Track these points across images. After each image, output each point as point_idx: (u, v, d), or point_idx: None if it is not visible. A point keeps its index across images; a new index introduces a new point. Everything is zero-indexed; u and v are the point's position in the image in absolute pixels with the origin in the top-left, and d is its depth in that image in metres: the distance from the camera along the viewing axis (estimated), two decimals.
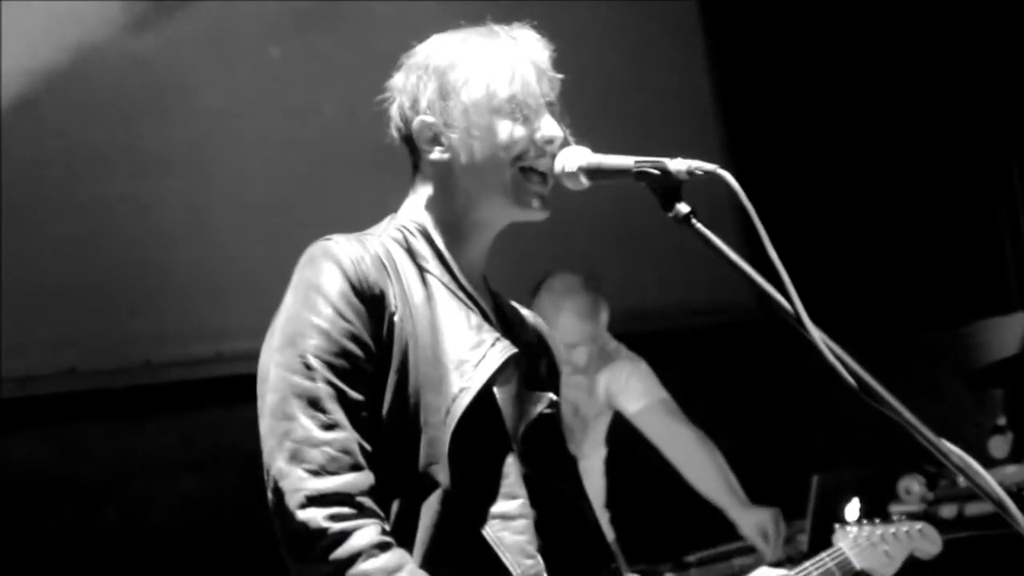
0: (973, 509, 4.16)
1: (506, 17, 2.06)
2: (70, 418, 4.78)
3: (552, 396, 2.02)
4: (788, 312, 1.72)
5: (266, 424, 1.82)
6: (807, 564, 3.04)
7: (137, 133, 4.96)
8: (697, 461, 4.20)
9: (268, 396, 1.83)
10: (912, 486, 4.34)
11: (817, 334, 1.70)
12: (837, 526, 3.17)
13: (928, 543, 3.15)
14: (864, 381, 1.69)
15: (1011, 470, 4.54)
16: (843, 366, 1.69)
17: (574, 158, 1.94)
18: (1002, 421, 4.81)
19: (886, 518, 3.23)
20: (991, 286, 6.39)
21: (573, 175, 1.93)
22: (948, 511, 4.25)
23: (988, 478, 1.71)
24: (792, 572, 2.89)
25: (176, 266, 4.98)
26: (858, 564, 3.07)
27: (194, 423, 4.92)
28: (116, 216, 4.91)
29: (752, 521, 4.08)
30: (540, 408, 1.99)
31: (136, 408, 4.90)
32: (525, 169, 1.95)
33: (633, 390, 4.25)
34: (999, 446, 4.68)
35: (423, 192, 2.01)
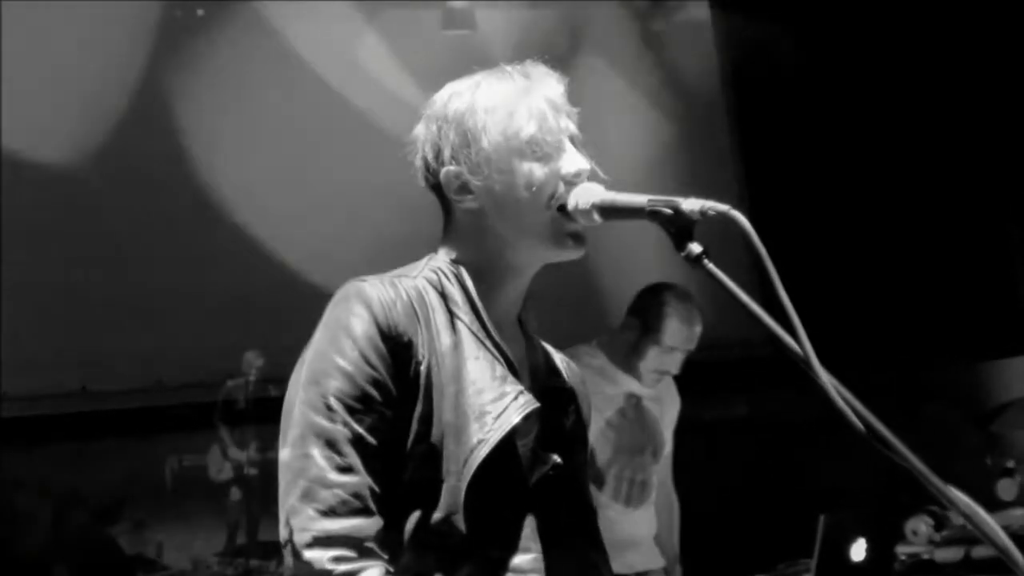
0: (980, 552, 4.14)
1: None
2: (79, 436, 4.79)
3: (556, 459, 1.99)
4: (797, 354, 1.72)
5: (285, 458, 1.85)
6: None
7: (145, 157, 5.00)
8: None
9: (290, 431, 1.85)
10: (919, 527, 4.32)
11: (826, 377, 1.70)
12: None
13: None
14: (872, 425, 1.68)
15: (1019, 513, 4.51)
16: (851, 410, 1.69)
17: (587, 195, 1.93)
18: (1011, 463, 4.79)
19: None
20: (1004, 327, 6.38)
21: (586, 212, 1.93)
22: (954, 553, 4.23)
23: (994, 525, 1.71)
24: None
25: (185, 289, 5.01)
26: None
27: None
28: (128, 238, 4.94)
29: None
30: (546, 469, 1.97)
31: (146, 427, 4.92)
32: (563, 208, 1.94)
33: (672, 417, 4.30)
34: (1007, 489, 4.65)
35: (456, 237, 2.01)
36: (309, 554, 1.77)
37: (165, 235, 5.05)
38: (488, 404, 1.88)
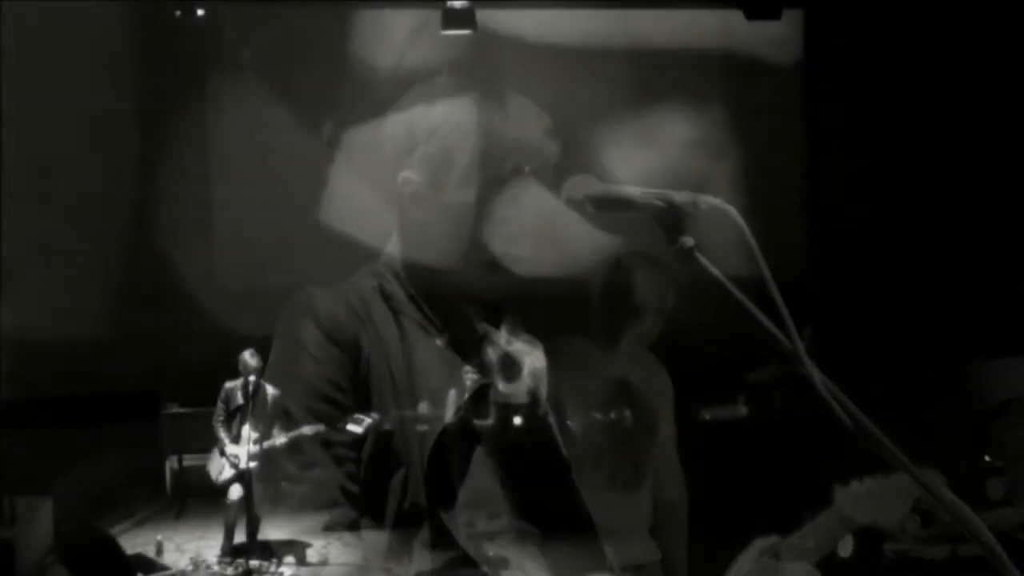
0: (966, 550, 4.15)
1: None
2: (75, 419, 4.80)
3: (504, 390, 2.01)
4: (787, 349, 1.73)
5: (255, 466, 1.91)
6: (806, 527, 2.85)
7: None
8: None
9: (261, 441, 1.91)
10: (906, 524, 4.33)
11: (814, 371, 1.71)
12: (836, 485, 2.94)
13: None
14: (859, 421, 1.69)
15: (1007, 512, 4.52)
16: (839, 405, 1.69)
17: (580, 187, 1.93)
18: (1000, 463, 4.80)
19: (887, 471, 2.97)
20: (1002, 327, 6.40)
21: (579, 204, 1.94)
22: (941, 550, 4.24)
23: (980, 523, 1.71)
24: (790, 537, 2.72)
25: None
26: (860, 519, 2.84)
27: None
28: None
29: None
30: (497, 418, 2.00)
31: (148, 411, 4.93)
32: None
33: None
34: (996, 488, 4.66)
35: (402, 227, 2.04)
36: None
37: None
38: (438, 385, 1.94)
